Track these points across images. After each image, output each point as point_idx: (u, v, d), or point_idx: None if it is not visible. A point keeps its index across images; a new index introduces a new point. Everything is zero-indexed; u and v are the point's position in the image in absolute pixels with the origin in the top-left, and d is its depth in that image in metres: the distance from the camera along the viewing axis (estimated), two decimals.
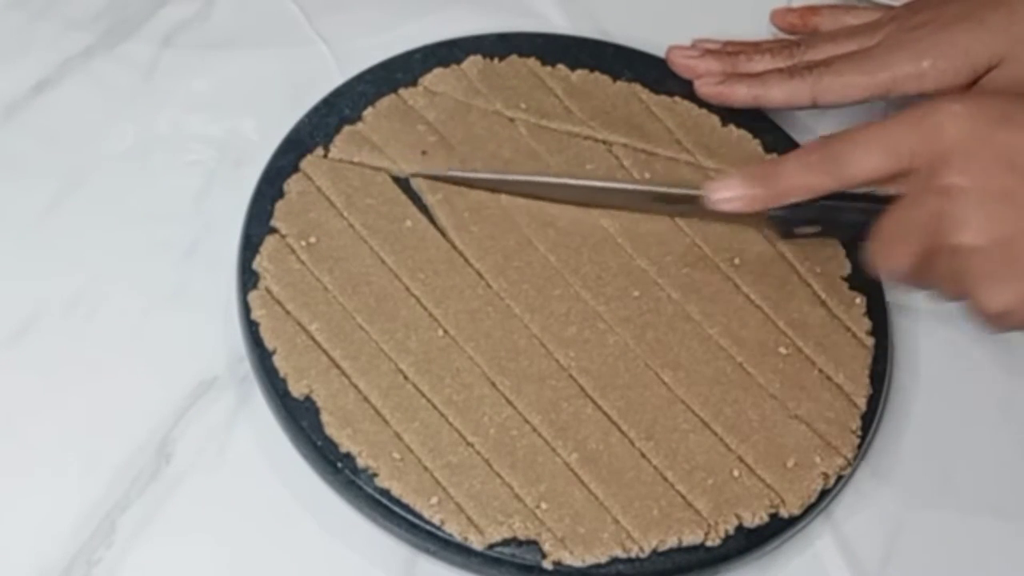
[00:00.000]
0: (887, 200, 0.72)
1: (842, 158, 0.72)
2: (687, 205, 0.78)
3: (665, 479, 0.73)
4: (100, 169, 0.81)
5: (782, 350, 0.78)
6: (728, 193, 0.75)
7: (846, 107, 0.85)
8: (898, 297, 0.81)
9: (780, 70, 0.85)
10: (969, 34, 0.82)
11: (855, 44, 0.85)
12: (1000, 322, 0.70)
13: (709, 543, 0.72)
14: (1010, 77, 0.82)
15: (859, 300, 0.80)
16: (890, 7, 0.90)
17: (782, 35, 0.91)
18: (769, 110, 0.85)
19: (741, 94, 0.84)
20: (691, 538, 0.72)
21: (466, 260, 0.78)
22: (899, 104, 0.86)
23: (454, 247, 0.78)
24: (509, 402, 0.74)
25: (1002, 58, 0.81)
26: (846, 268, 0.82)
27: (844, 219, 0.76)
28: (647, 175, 0.83)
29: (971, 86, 0.82)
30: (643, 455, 0.74)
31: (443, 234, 0.78)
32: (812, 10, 0.91)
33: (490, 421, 0.73)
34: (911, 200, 0.71)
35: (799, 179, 0.74)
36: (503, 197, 0.80)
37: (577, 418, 0.74)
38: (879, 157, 0.71)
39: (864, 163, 0.72)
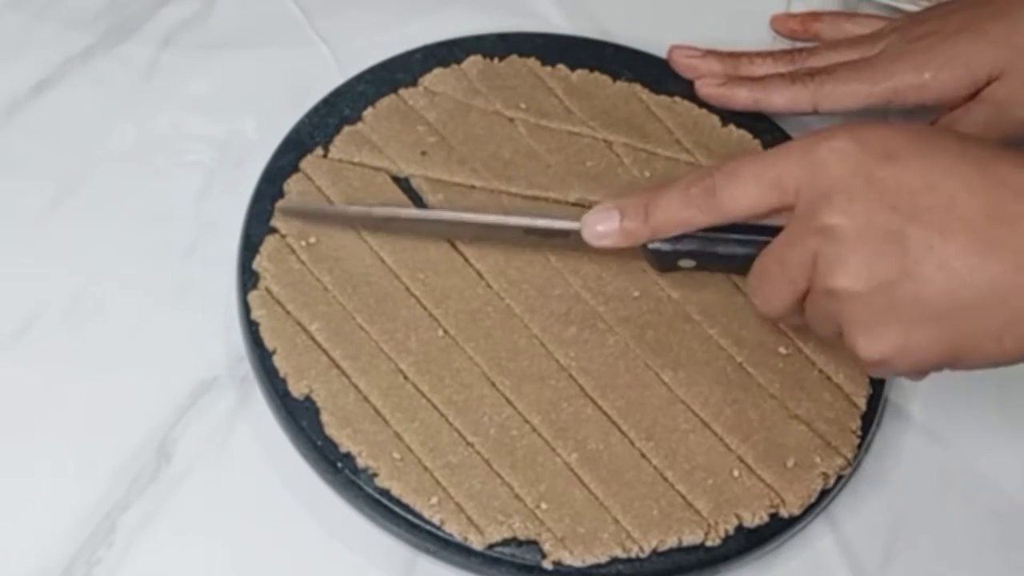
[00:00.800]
0: (769, 231, 0.69)
1: (720, 192, 0.69)
2: (563, 239, 0.75)
3: (665, 479, 0.73)
4: (100, 169, 0.81)
5: (782, 350, 0.78)
6: (603, 227, 0.73)
7: (846, 115, 0.85)
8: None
9: (782, 75, 0.85)
10: (970, 45, 0.82)
11: (857, 53, 0.85)
12: (878, 369, 0.68)
13: (709, 543, 0.72)
14: (1009, 89, 0.82)
15: None
16: (892, 17, 0.90)
17: (781, 40, 0.91)
18: (769, 114, 0.85)
19: (742, 97, 0.84)
20: (691, 538, 0.72)
21: (466, 260, 0.78)
22: (902, 114, 0.86)
23: (454, 247, 0.78)
24: (509, 402, 0.74)
25: (1003, 70, 0.81)
26: None
27: (725, 252, 0.72)
28: (647, 174, 0.83)
29: (972, 97, 0.82)
30: (643, 455, 0.74)
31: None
32: (814, 16, 0.91)
33: (490, 421, 0.73)
34: (790, 238, 0.68)
35: (677, 213, 0.71)
36: (505, 197, 0.80)
37: (577, 418, 0.74)
38: (759, 191, 0.68)
39: (743, 198, 0.69)
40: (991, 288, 0.64)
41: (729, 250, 0.72)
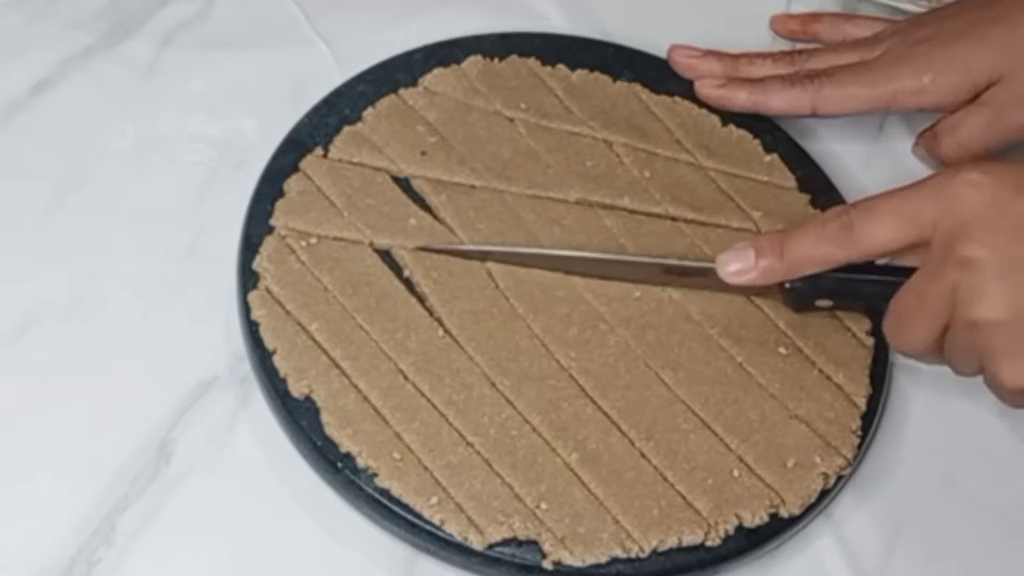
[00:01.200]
0: (906, 272, 0.70)
1: (858, 228, 0.70)
2: (700, 277, 0.77)
3: (665, 479, 0.73)
4: (100, 169, 0.81)
5: (782, 350, 0.78)
6: (739, 265, 0.74)
7: (845, 118, 0.86)
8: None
9: (781, 77, 0.85)
10: (969, 50, 0.82)
11: (857, 56, 0.85)
12: (1022, 398, 0.69)
13: (709, 543, 0.72)
14: (1010, 93, 0.82)
15: None
16: (891, 18, 0.90)
17: (780, 40, 0.91)
18: (768, 115, 0.85)
19: (741, 99, 0.84)
20: (691, 538, 0.72)
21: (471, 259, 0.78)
22: (901, 117, 0.87)
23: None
24: (509, 402, 0.74)
25: (1002, 74, 0.82)
26: None
27: (863, 291, 0.74)
28: (647, 173, 0.83)
29: (971, 102, 0.83)
30: (643, 455, 0.74)
31: (452, 232, 0.78)
32: (813, 17, 0.91)
33: (490, 421, 0.73)
34: (928, 273, 0.69)
35: (813, 250, 0.72)
36: (507, 195, 0.80)
37: (577, 418, 0.74)
38: (896, 228, 0.69)
39: (881, 234, 0.70)
40: None
41: (867, 288, 0.73)
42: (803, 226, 0.73)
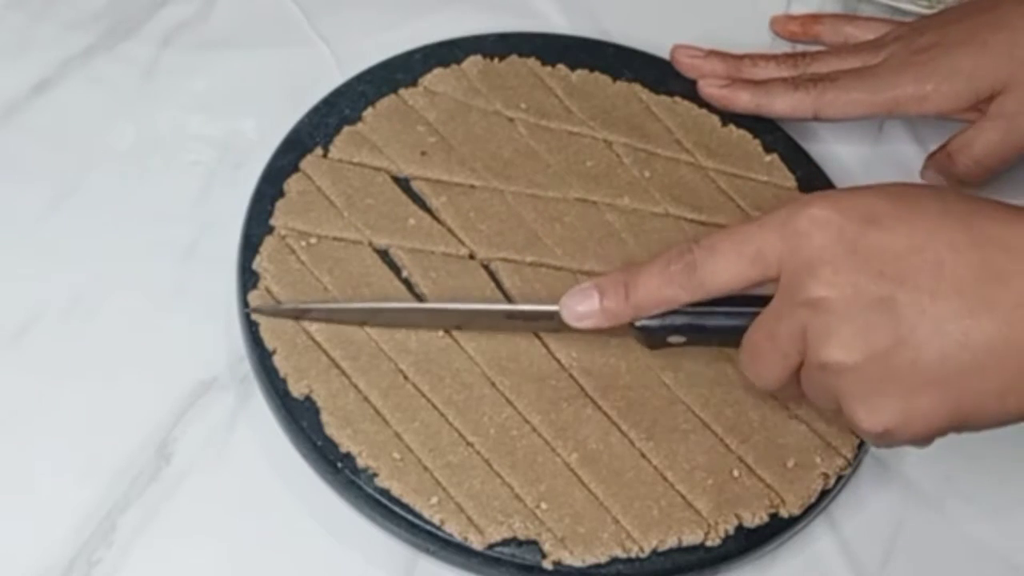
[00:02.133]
0: (757, 301, 0.68)
1: (701, 269, 0.68)
2: (546, 321, 0.74)
3: (665, 479, 0.73)
4: (100, 169, 0.81)
5: None
6: (583, 307, 0.71)
7: (847, 122, 0.86)
8: None
9: (784, 80, 0.85)
10: (971, 58, 0.82)
11: (859, 60, 0.85)
12: (882, 440, 0.66)
13: (709, 543, 0.72)
14: (1019, 101, 0.81)
15: None
16: (891, 19, 0.90)
17: (780, 41, 0.91)
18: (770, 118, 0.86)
19: (744, 100, 0.84)
20: (691, 538, 0.72)
21: (475, 257, 0.78)
22: (904, 123, 0.87)
23: (463, 244, 0.78)
24: (509, 402, 0.74)
25: (1006, 83, 0.81)
26: None
27: (714, 328, 0.71)
28: (647, 173, 0.83)
29: (974, 109, 0.82)
30: (643, 455, 0.74)
31: (452, 233, 0.78)
32: (814, 18, 0.91)
33: (490, 421, 0.73)
34: (777, 312, 0.66)
35: (658, 291, 0.70)
36: (507, 195, 0.80)
37: (577, 418, 0.74)
38: (740, 266, 0.67)
39: (724, 273, 0.67)
40: (988, 348, 0.63)
41: (717, 323, 0.71)
42: (647, 265, 0.70)
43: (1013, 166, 0.85)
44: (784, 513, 0.73)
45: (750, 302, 0.69)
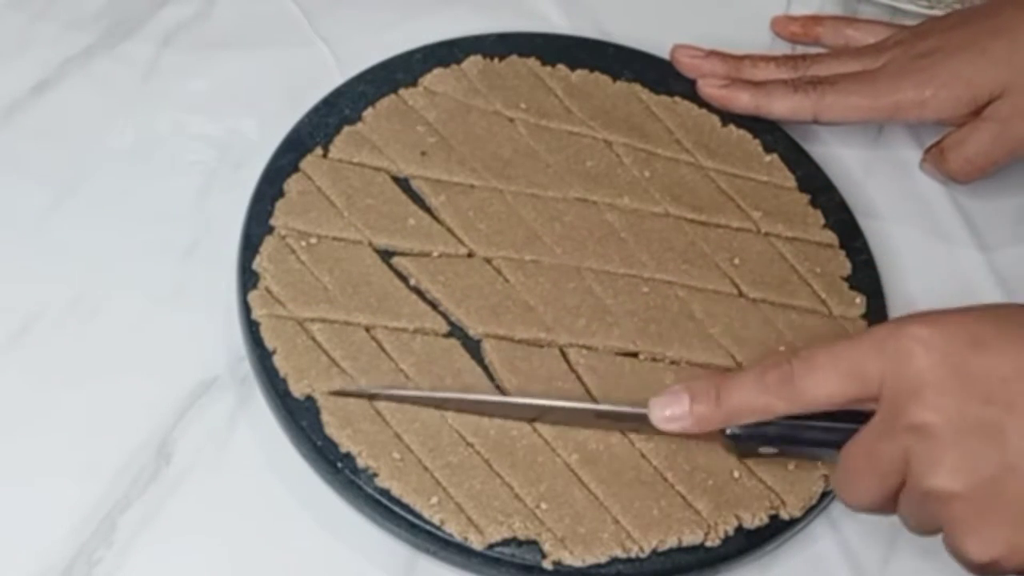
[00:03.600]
0: (856, 417, 0.67)
1: (798, 381, 0.67)
2: (635, 422, 0.72)
3: (665, 479, 0.73)
4: (100, 169, 0.81)
5: (782, 349, 0.78)
6: (672, 410, 0.70)
7: (846, 126, 0.86)
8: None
9: (784, 82, 0.85)
10: (971, 64, 0.82)
11: (860, 64, 0.85)
12: (987, 570, 0.63)
13: (709, 544, 0.72)
14: (1013, 106, 0.81)
15: (859, 300, 0.81)
16: (892, 22, 0.90)
17: (780, 42, 0.91)
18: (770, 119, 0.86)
19: (743, 101, 0.84)
20: (691, 538, 0.72)
21: (485, 260, 0.78)
22: (905, 129, 0.86)
23: (463, 244, 0.78)
24: None
25: (1004, 88, 0.81)
26: (846, 268, 0.82)
27: (809, 440, 0.70)
28: (647, 173, 0.83)
29: (973, 115, 0.82)
30: (643, 455, 0.74)
31: (451, 233, 0.78)
32: (814, 20, 0.91)
33: (490, 421, 0.73)
34: (879, 433, 0.65)
35: (752, 399, 0.68)
36: (507, 194, 0.80)
37: None
38: (838, 382, 0.66)
39: (822, 388, 0.66)
40: None
41: (812, 436, 0.70)
42: (742, 373, 0.70)
43: (1008, 166, 0.85)
44: (784, 515, 0.73)
45: (846, 416, 0.68)
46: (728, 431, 0.71)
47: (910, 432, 0.64)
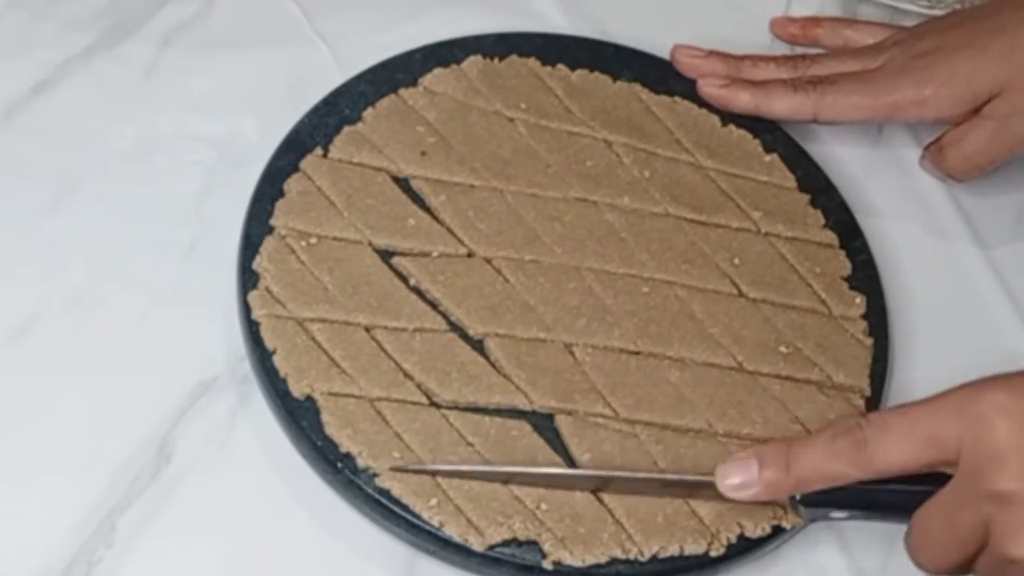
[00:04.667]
0: (933, 478, 0.66)
1: (872, 446, 0.65)
2: (706, 490, 0.71)
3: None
4: (100, 169, 0.81)
5: (782, 349, 0.78)
6: (740, 477, 0.69)
7: (846, 125, 0.86)
8: None
9: (784, 81, 0.85)
10: (971, 62, 0.82)
11: (859, 64, 0.85)
12: None
13: (713, 553, 0.71)
14: (1011, 104, 0.82)
15: (859, 300, 0.81)
16: (891, 23, 0.90)
17: (780, 42, 0.91)
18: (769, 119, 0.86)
19: (743, 100, 0.84)
20: (693, 548, 0.71)
21: (485, 260, 0.78)
22: (904, 127, 0.86)
23: (462, 244, 0.78)
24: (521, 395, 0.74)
25: (1003, 87, 0.81)
26: (846, 268, 0.82)
27: (882, 504, 0.69)
28: (647, 173, 0.83)
29: (973, 113, 0.82)
30: (654, 460, 0.73)
31: (451, 232, 0.78)
32: (813, 21, 0.91)
33: (491, 420, 0.73)
34: (958, 500, 0.64)
35: (823, 466, 0.67)
36: (507, 194, 0.80)
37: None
38: (914, 448, 0.65)
39: (897, 454, 0.65)
40: None
41: (886, 500, 0.69)
42: (812, 438, 0.68)
43: (1007, 164, 0.85)
44: (787, 524, 0.72)
45: (919, 479, 0.67)
46: (798, 496, 0.70)
47: (991, 500, 0.63)
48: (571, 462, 0.73)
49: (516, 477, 0.71)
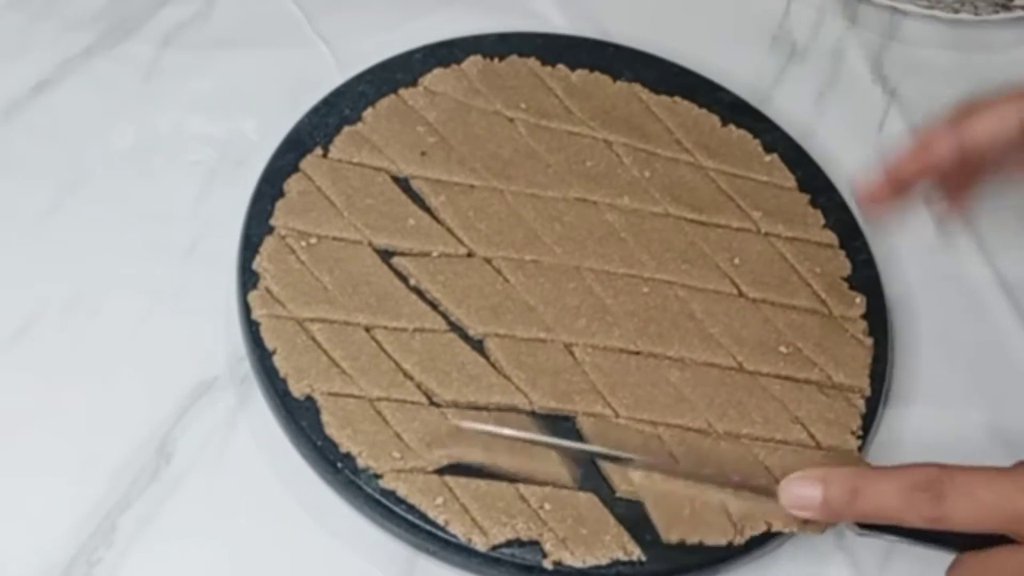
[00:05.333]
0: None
1: (949, 506, 0.63)
2: (768, 497, 0.70)
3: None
4: (100, 169, 0.81)
5: (782, 349, 0.78)
6: (803, 492, 0.67)
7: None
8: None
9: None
10: None
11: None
12: None
13: (735, 542, 0.71)
14: None
15: (859, 300, 0.81)
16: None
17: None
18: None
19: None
20: (715, 541, 0.71)
21: (485, 260, 0.78)
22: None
23: (462, 244, 0.78)
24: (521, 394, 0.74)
25: None
26: (846, 268, 0.82)
27: (938, 538, 0.67)
28: (647, 173, 0.83)
29: None
30: (673, 457, 0.73)
31: (451, 232, 0.78)
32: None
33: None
34: (1017, 563, 0.64)
35: (890, 508, 0.65)
36: (507, 194, 0.80)
37: None
38: (992, 518, 0.63)
39: (971, 516, 0.63)
40: None
41: (944, 538, 0.67)
42: (886, 476, 0.65)
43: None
44: (785, 530, 0.72)
45: None
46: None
47: None
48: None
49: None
